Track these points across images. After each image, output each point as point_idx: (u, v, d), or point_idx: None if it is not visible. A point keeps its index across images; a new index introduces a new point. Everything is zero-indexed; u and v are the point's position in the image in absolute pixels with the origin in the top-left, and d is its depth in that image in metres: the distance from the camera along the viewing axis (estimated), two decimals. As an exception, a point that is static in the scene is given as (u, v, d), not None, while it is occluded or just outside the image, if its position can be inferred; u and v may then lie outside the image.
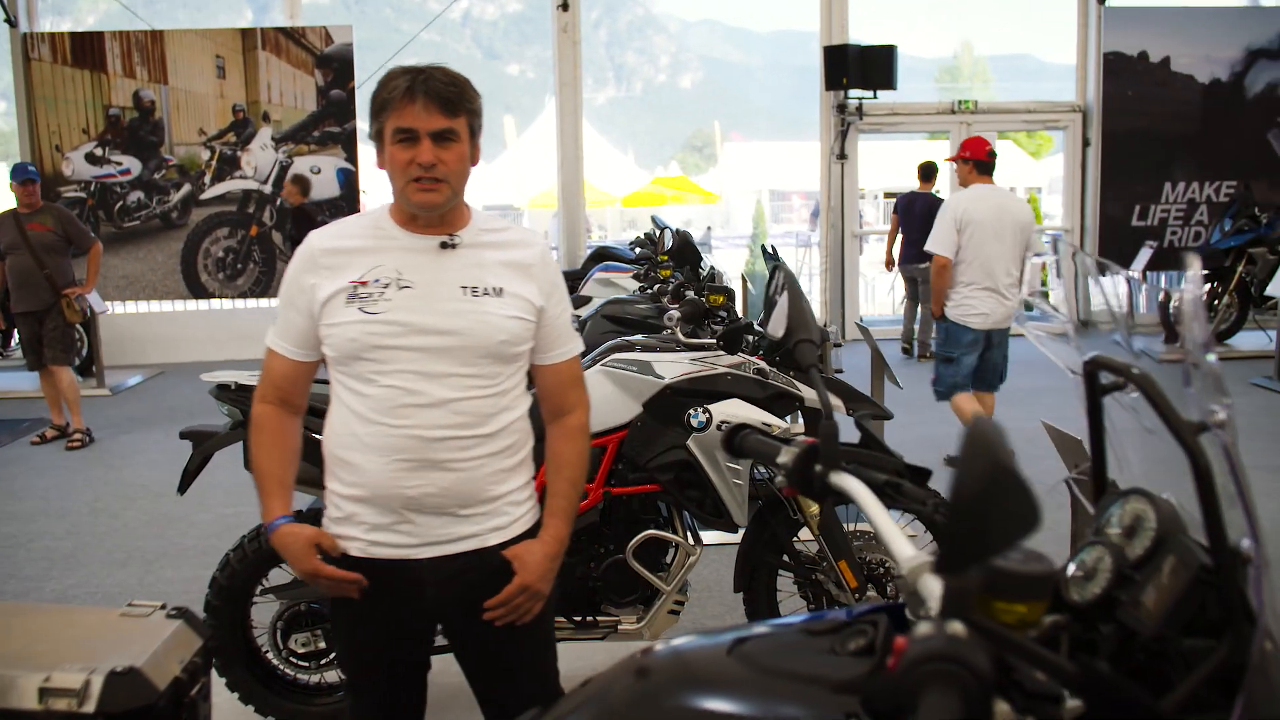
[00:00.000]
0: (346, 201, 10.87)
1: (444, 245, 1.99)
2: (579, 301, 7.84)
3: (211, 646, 1.67)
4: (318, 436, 2.13)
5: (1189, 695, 0.94)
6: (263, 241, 10.89)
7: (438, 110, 1.89)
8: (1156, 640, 1.06)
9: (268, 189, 10.81)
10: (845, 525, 3.32)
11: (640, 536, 3.21)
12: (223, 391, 3.31)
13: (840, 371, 3.69)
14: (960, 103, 11.35)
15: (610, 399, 3.24)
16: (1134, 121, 11.13)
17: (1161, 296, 9.49)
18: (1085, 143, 11.31)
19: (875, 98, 10.67)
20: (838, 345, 3.69)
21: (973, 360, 5.83)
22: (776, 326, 1.48)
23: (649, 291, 6.16)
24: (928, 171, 9.71)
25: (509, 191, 35.25)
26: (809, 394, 3.32)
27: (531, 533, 2.11)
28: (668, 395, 3.20)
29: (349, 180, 10.87)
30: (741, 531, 3.45)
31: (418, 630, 2.14)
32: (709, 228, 12.23)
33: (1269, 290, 9.75)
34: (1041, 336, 1.44)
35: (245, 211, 10.86)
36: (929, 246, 5.99)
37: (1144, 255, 10.82)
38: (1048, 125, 11.84)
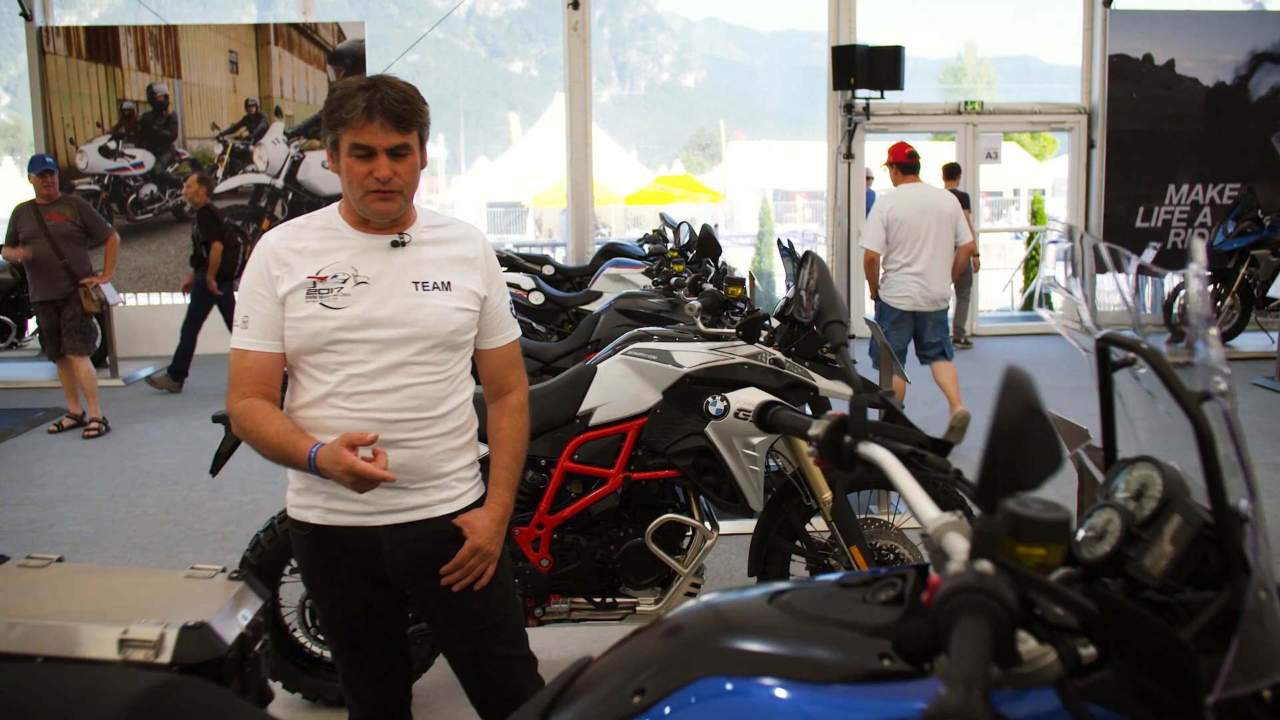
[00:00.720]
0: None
1: (395, 244, 2.15)
2: (590, 296, 7.96)
3: (269, 608, 1.77)
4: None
5: (1202, 629, 1.04)
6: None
7: (393, 128, 2.02)
8: (1161, 591, 1.16)
9: (280, 183, 10.91)
10: (856, 513, 3.43)
11: (659, 520, 3.31)
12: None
13: (855, 363, 3.78)
14: (966, 103, 11.44)
15: (631, 387, 3.34)
16: (1138, 123, 11.22)
17: (1166, 296, 9.62)
18: (1090, 144, 11.40)
19: (882, 98, 10.75)
20: (851, 337, 3.79)
21: (904, 335, 6.49)
22: (808, 310, 1.58)
23: (661, 286, 6.26)
24: (951, 171, 10.45)
25: (515, 189, 35.33)
26: (823, 384, 3.42)
27: (478, 504, 2.28)
28: (687, 384, 3.30)
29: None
30: (756, 519, 3.56)
31: (383, 591, 2.28)
32: (715, 225, 12.30)
33: (1271, 292, 9.85)
34: (1056, 317, 1.54)
35: (257, 205, 10.97)
36: (861, 242, 6.86)
37: (1147, 256, 10.90)
38: (1053, 127, 11.92)
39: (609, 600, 3.42)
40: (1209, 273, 10.01)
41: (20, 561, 1.75)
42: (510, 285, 7.91)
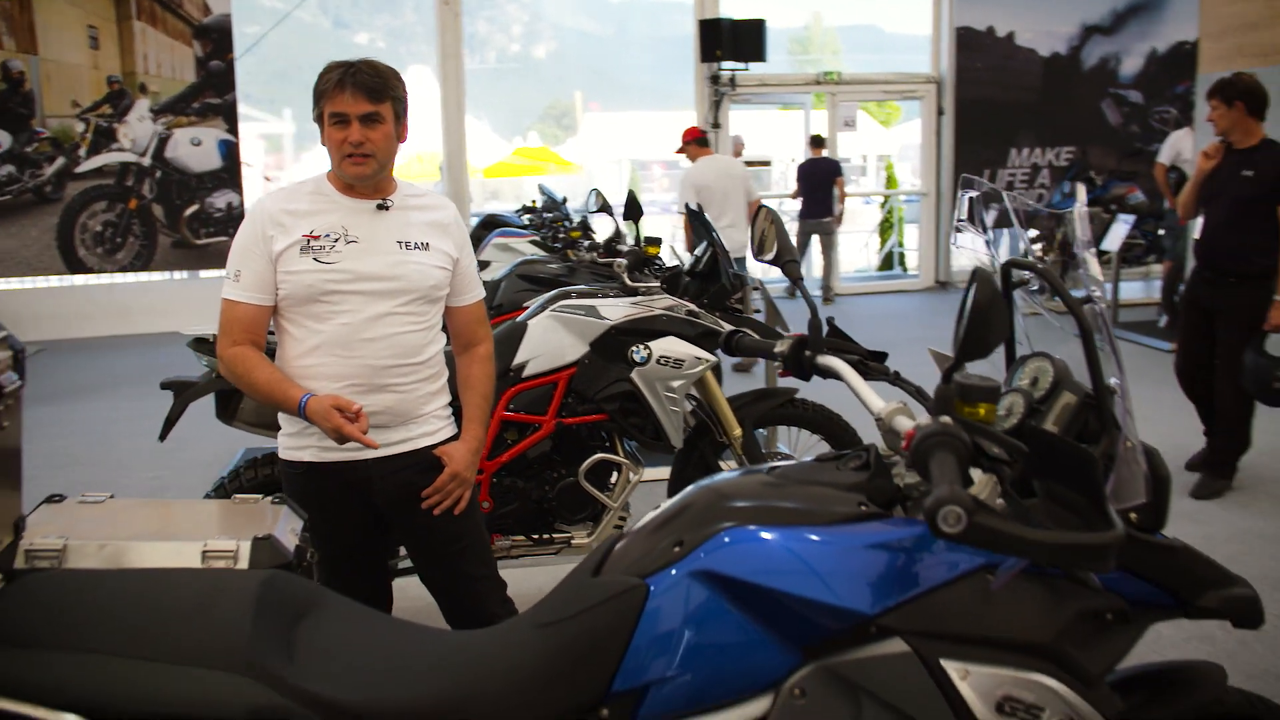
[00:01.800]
0: (228, 173, 10.88)
1: (380, 207, 2.43)
2: (480, 265, 8.17)
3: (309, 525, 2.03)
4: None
5: (1104, 454, 1.43)
6: (143, 215, 10.78)
7: (364, 98, 2.30)
8: None
9: (147, 161, 10.71)
10: (762, 447, 3.84)
11: (592, 459, 3.64)
12: (200, 344, 3.59)
13: (758, 312, 4.19)
14: (825, 74, 12.01)
15: (560, 340, 3.65)
16: (983, 92, 12.00)
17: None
18: (939, 112, 12.12)
19: (747, 69, 11.21)
20: (756, 289, 4.19)
21: None
22: (766, 252, 1.91)
23: (559, 252, 6.55)
24: (818, 140, 11.65)
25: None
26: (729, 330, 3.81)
27: (454, 438, 2.59)
28: (612, 335, 3.63)
29: (230, 152, 10.86)
30: (674, 457, 3.93)
31: (368, 524, 2.56)
32: (594, 190, 12.59)
33: (1103, 246, 10.74)
34: (966, 250, 1.93)
35: (124, 184, 10.74)
36: (678, 208, 7.96)
37: (954, 230, 11.70)
38: (905, 95, 12.62)
39: (545, 536, 3.73)
40: (1057, 224, 10.80)
41: (78, 499, 1.96)
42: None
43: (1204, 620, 1.62)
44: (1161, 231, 10.03)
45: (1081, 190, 1.57)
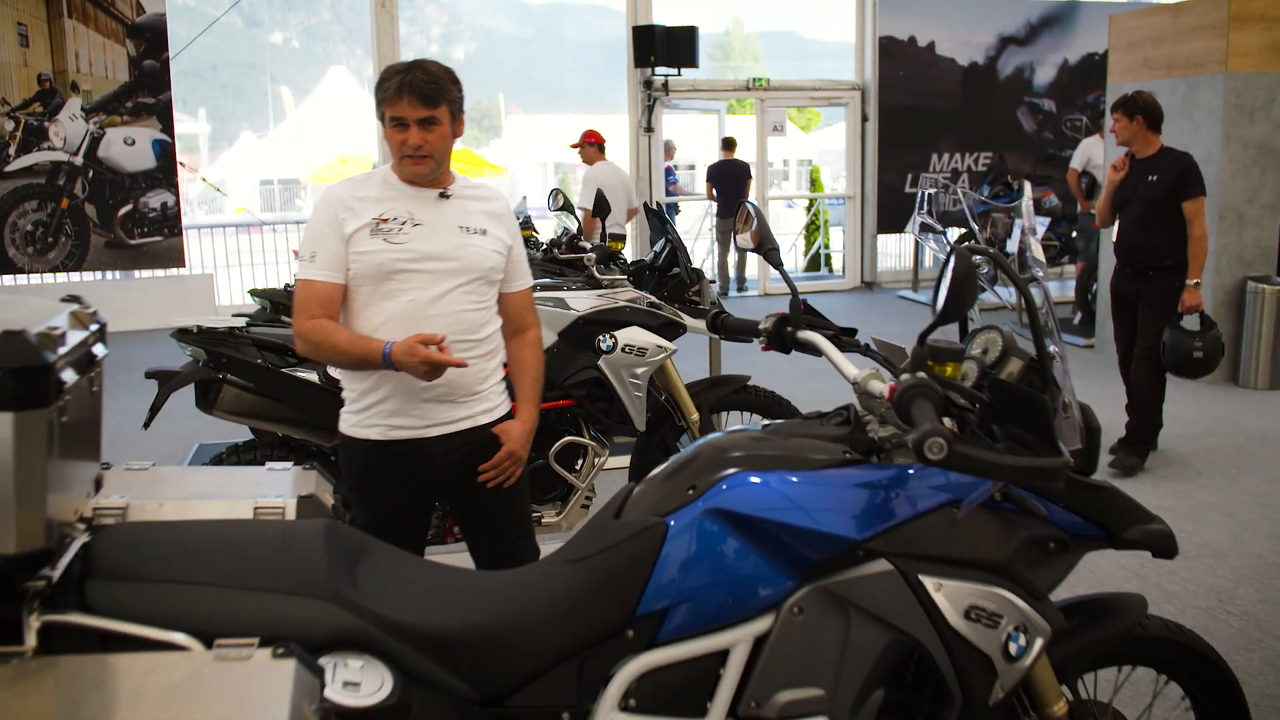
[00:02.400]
0: (163, 173, 10.84)
1: (442, 195, 2.63)
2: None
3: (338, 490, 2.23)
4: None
5: (1050, 411, 1.71)
6: (75, 214, 10.70)
7: (420, 103, 2.49)
8: None
9: (79, 160, 10.64)
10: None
11: (560, 442, 3.87)
12: (184, 335, 3.74)
13: (714, 303, 4.47)
14: (755, 80, 12.36)
15: (530, 330, 3.88)
16: (905, 99, 12.45)
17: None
18: (864, 118, 12.55)
19: (680, 75, 11.51)
20: (712, 282, 4.46)
21: None
22: (749, 243, 2.17)
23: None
24: (729, 143, 12.22)
25: (290, 164, 34.25)
26: (689, 321, 4.08)
27: (508, 416, 2.78)
28: (580, 325, 3.87)
29: (165, 152, 10.83)
30: (636, 441, 4.18)
31: (426, 498, 2.75)
32: (524, 197, 12.83)
33: (1008, 248, 11.26)
34: (928, 239, 2.21)
35: (55, 184, 10.64)
36: (582, 204, 8.12)
37: (916, 219, 12.18)
38: (831, 102, 13.02)
39: (517, 516, 3.95)
40: (964, 230, 11.39)
41: (124, 467, 2.14)
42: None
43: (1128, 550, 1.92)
44: (1075, 234, 10.54)
45: (1028, 186, 1.87)
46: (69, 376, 1.51)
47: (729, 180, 12.00)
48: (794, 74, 12.47)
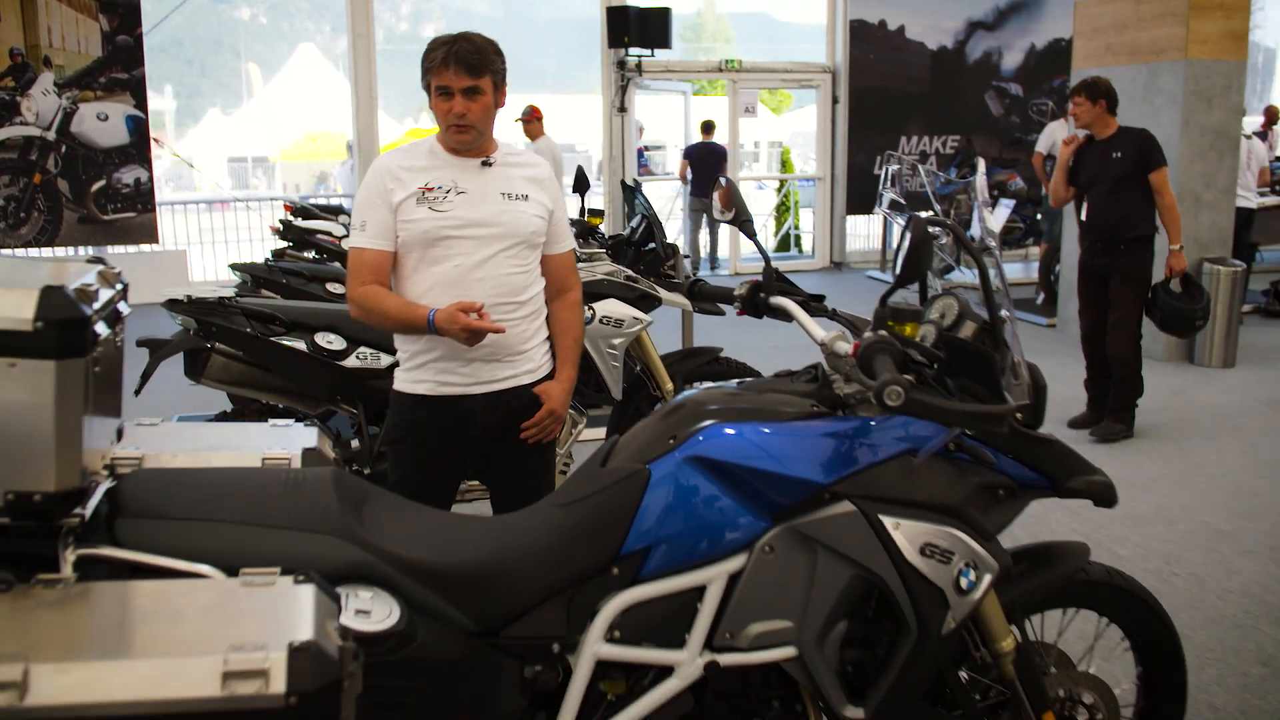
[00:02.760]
0: (137, 149, 10.85)
1: (484, 164, 2.74)
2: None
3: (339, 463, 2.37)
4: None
5: (996, 363, 1.87)
6: (47, 189, 10.69)
7: (465, 73, 2.61)
8: None
9: (51, 135, 10.62)
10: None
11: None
12: (175, 304, 3.85)
13: (688, 277, 4.62)
14: (727, 62, 12.49)
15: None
16: (875, 82, 12.64)
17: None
18: (834, 100, 12.72)
19: (653, 55, 11.62)
20: (687, 257, 4.58)
21: None
22: (726, 214, 2.31)
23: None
24: (709, 126, 12.40)
25: (259, 142, 33.89)
26: (664, 295, 4.23)
27: (549, 376, 2.91)
28: (559, 297, 4.01)
29: (139, 127, 10.84)
30: (613, 409, 4.33)
31: (464, 453, 2.86)
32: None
33: (971, 231, 11.46)
34: (893, 215, 2.37)
35: (27, 158, 10.62)
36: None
37: (886, 196, 12.38)
38: (802, 84, 13.18)
39: (497, 481, 4.10)
40: (931, 213, 11.69)
41: (135, 423, 2.26)
42: (322, 234, 8.29)
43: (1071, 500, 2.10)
44: (1039, 216, 10.77)
45: (981, 163, 2.03)
46: (101, 330, 1.64)
47: (706, 162, 12.25)
48: (765, 56, 12.61)
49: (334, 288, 5.89)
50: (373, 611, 1.67)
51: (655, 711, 1.90)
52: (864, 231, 13.84)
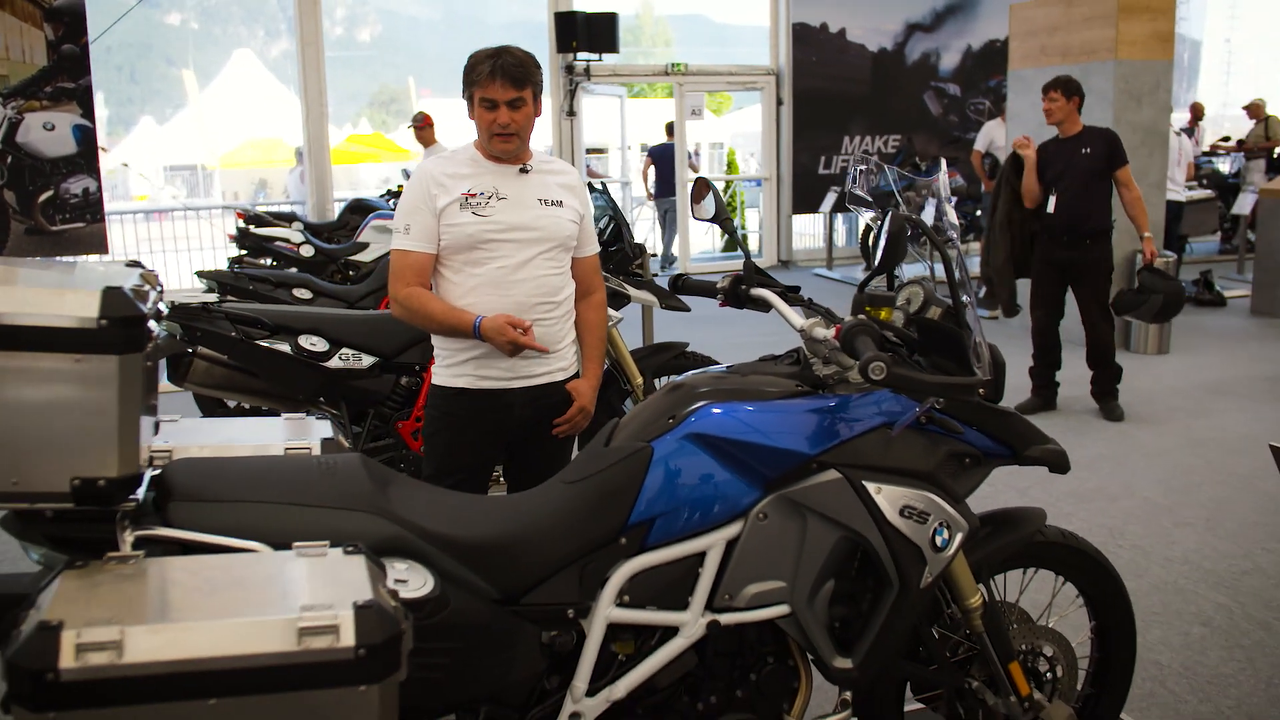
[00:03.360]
0: (84, 159, 10.78)
1: (522, 171, 2.91)
2: (358, 248, 8.53)
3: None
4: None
5: (966, 340, 2.07)
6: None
7: (510, 86, 2.78)
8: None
9: (-4, 146, 10.52)
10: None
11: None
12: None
13: (656, 275, 4.79)
14: (673, 65, 12.70)
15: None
16: (818, 83, 12.93)
17: (862, 231, 11.43)
18: (779, 102, 12.99)
19: (601, 60, 11.79)
20: (653, 255, 4.72)
21: None
22: (705, 214, 2.49)
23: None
24: (671, 128, 13.04)
25: (196, 150, 33.45)
26: (633, 293, 4.41)
27: (577, 374, 3.08)
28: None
29: (86, 137, 10.77)
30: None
31: (498, 444, 3.02)
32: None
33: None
34: (861, 211, 2.58)
35: (-27, 170, 10.53)
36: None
37: (829, 199, 12.68)
38: (747, 86, 13.43)
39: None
40: (875, 212, 11.90)
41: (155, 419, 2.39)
42: (280, 240, 8.37)
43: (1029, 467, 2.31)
44: (979, 213, 11.11)
45: (944, 162, 2.23)
46: (154, 328, 1.78)
47: (669, 161, 12.97)
48: (704, 58, 12.85)
49: (300, 293, 6.00)
50: (409, 580, 1.83)
51: (662, 669, 2.08)
52: (810, 230, 14.13)
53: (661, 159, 13.19)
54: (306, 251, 8.31)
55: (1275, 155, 12.57)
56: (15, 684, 1.39)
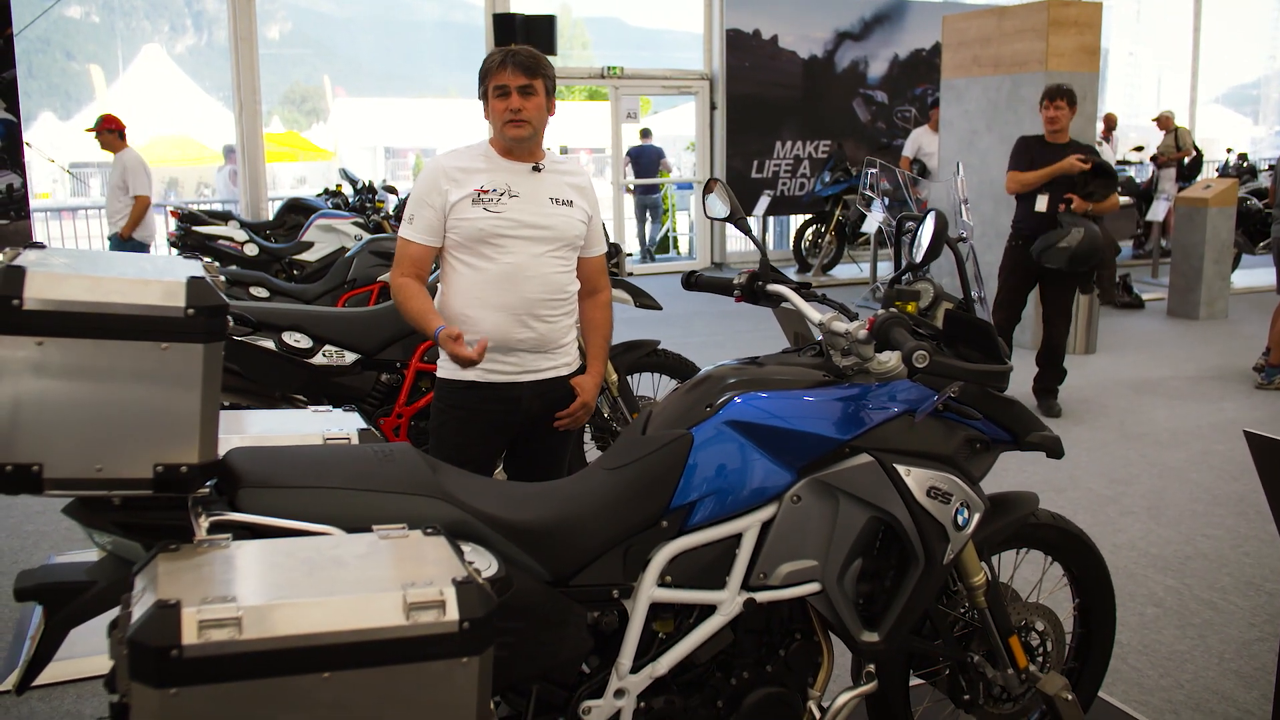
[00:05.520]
0: (9, 154, 10.50)
1: (535, 169, 2.99)
2: (301, 247, 8.46)
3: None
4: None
5: (995, 331, 2.21)
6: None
7: (521, 73, 2.87)
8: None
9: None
10: (634, 392, 4.54)
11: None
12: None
13: (630, 275, 4.88)
14: (609, 69, 12.81)
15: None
16: (750, 89, 13.15)
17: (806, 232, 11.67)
18: (713, 106, 13.19)
19: (538, 62, 11.83)
20: (629, 255, 4.78)
21: None
22: (718, 212, 2.61)
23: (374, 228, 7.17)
24: (646, 132, 14.55)
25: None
26: (618, 293, 4.51)
27: (580, 370, 3.16)
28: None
29: (10, 131, 10.49)
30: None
31: (503, 436, 3.09)
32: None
33: (862, 229, 12.09)
34: (876, 217, 2.71)
35: (-111, 164, 10.17)
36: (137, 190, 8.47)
37: (763, 202, 12.91)
38: (681, 90, 13.60)
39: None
40: (809, 215, 12.17)
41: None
42: (224, 238, 8.27)
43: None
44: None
45: (961, 166, 2.38)
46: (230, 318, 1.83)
47: (646, 160, 14.40)
48: (623, 61, 12.98)
49: (257, 291, 5.97)
50: (476, 562, 1.90)
51: (701, 646, 2.18)
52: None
53: (637, 157, 14.35)
54: (250, 250, 8.22)
55: (1185, 164, 13.16)
56: (138, 661, 1.43)
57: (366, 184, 9.51)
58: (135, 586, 1.59)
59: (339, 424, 2.40)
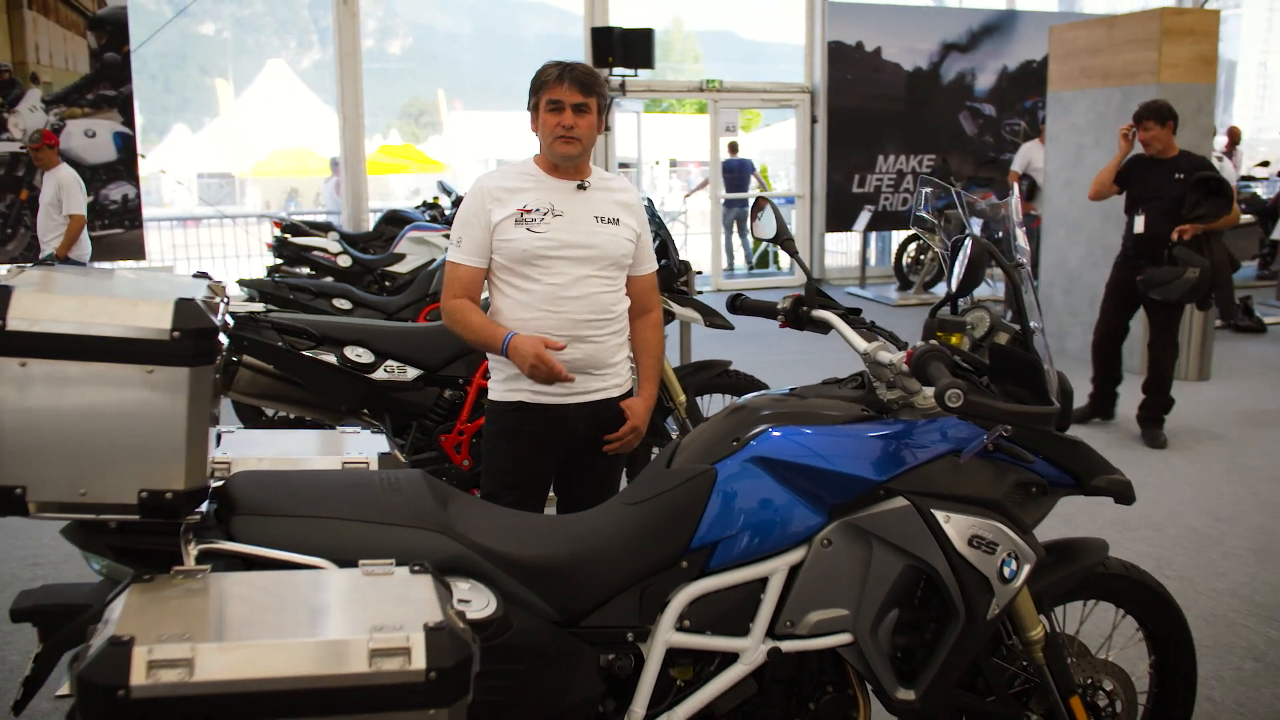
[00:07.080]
0: (124, 165, 10.89)
1: (580, 187, 2.89)
2: (394, 259, 8.56)
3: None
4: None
5: (1042, 368, 2.04)
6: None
7: (578, 90, 2.78)
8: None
9: (38, 152, 10.62)
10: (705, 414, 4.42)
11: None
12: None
13: (700, 294, 4.76)
14: (708, 82, 12.70)
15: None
16: (852, 102, 12.89)
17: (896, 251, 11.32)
18: (813, 120, 12.97)
19: (637, 76, 11.81)
20: (699, 273, 4.72)
21: None
22: (765, 233, 2.48)
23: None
24: (734, 146, 14.27)
25: (228, 159, 33.72)
26: (677, 310, 4.39)
27: (631, 392, 3.05)
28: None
29: (126, 144, 10.89)
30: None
31: (553, 456, 2.98)
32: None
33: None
34: (926, 234, 2.55)
35: (14, 175, 10.64)
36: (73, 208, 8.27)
37: (864, 218, 12.64)
38: (781, 104, 13.42)
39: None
40: (912, 231, 11.80)
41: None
42: (318, 250, 8.40)
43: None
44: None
45: (1016, 186, 2.20)
46: (223, 340, 1.77)
47: (735, 174, 14.29)
48: (733, 75, 12.84)
49: (340, 303, 6.01)
50: (473, 601, 1.81)
51: (721, 696, 2.04)
52: (842, 248, 14.08)
53: (727, 171, 14.06)
54: (344, 262, 8.33)
55: (1315, 180, 12.44)
56: (86, 700, 1.37)
57: (461, 196, 9.56)
58: (103, 617, 1.54)
59: (362, 447, 2.34)
